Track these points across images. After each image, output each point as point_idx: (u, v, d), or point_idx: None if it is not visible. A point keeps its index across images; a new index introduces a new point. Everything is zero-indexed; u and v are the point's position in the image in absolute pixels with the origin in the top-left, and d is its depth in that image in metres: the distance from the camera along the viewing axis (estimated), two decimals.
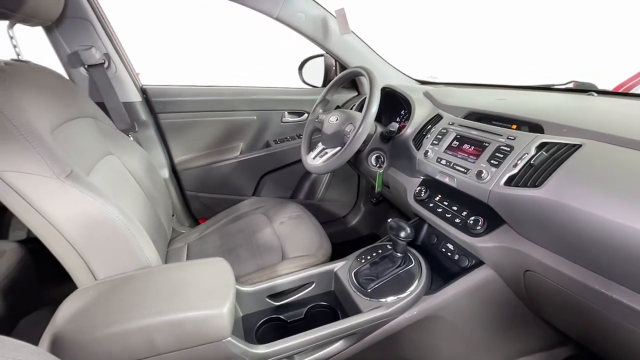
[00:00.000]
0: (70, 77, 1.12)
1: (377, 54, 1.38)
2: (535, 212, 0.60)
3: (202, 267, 0.68)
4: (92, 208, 0.65)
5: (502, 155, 0.69)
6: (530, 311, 0.79)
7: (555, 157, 0.61)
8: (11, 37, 0.77)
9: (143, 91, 1.26)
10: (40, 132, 0.63)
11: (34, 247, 1.13)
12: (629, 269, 0.49)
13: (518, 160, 0.66)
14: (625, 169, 0.52)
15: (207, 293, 0.60)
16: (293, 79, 1.53)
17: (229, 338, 0.59)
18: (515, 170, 0.65)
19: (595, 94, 0.90)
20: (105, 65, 1.11)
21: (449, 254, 0.87)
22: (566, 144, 0.62)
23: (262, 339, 0.76)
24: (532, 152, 0.65)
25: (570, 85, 1.06)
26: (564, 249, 0.58)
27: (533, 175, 0.62)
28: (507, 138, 0.70)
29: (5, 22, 0.75)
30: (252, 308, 0.83)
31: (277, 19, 1.17)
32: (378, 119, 1.24)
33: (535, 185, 0.60)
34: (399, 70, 1.43)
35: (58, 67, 1.06)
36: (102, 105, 1.10)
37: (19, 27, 0.79)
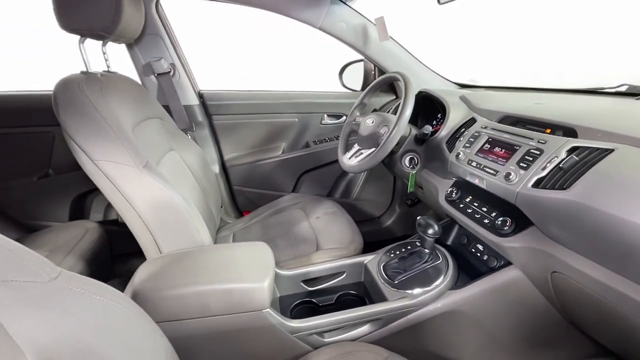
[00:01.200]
0: (143, 83, 1.31)
1: (415, 58, 1.41)
2: (561, 214, 0.61)
3: (247, 248, 0.79)
4: (161, 194, 0.79)
5: (531, 159, 0.71)
6: (563, 318, 0.78)
7: (585, 161, 0.62)
8: (104, 53, 0.94)
9: (200, 95, 1.42)
10: (125, 129, 0.78)
11: (108, 228, 1.34)
12: None
13: (547, 164, 0.67)
14: None
15: (251, 269, 0.70)
16: (294, 79, 1.59)
17: (268, 309, 0.68)
18: (544, 173, 0.67)
19: None
20: (171, 73, 1.29)
21: (479, 254, 0.89)
22: (598, 149, 0.62)
23: (295, 318, 0.84)
24: (563, 155, 0.66)
25: (622, 89, 1.01)
26: (590, 251, 0.59)
27: (562, 178, 0.63)
28: (538, 142, 0.72)
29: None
30: (288, 290, 0.92)
31: (319, 28, 1.26)
32: (414, 121, 1.28)
33: (562, 187, 0.62)
34: (438, 74, 1.45)
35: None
36: (166, 108, 1.27)
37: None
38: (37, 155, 1.32)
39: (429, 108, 1.23)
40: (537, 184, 0.67)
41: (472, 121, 0.97)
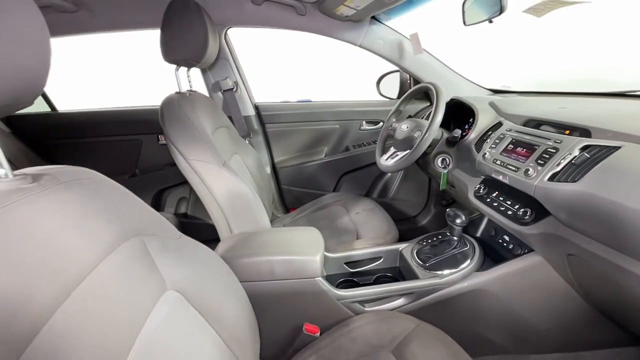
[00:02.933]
0: (211, 98, 1.57)
1: (449, 67, 1.52)
2: (572, 203, 0.71)
3: (302, 231, 0.96)
4: (235, 186, 0.99)
5: (548, 156, 0.81)
6: (587, 303, 0.86)
7: (594, 157, 0.72)
8: (188, 77, 1.19)
9: (256, 107, 1.66)
10: (209, 136, 1.00)
11: (179, 219, 1.60)
12: None
13: (561, 160, 0.77)
14: None
15: (307, 246, 0.87)
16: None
17: (320, 278, 0.85)
18: (558, 169, 0.77)
19: None
20: (234, 89, 1.53)
21: (505, 244, 0.99)
22: (606, 147, 0.71)
23: None
24: (575, 153, 0.76)
25: None
26: (597, 234, 0.68)
27: (573, 172, 0.73)
28: (555, 142, 0.82)
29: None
30: (333, 270, 1.08)
31: (360, 46, 1.43)
32: (447, 126, 1.39)
33: (574, 180, 0.72)
34: (471, 81, 1.55)
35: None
36: (229, 118, 1.51)
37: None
38: (129, 158, 1.63)
39: (461, 114, 1.34)
40: (552, 178, 0.77)
41: (498, 125, 1.07)
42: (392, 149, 1.32)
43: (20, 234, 0.37)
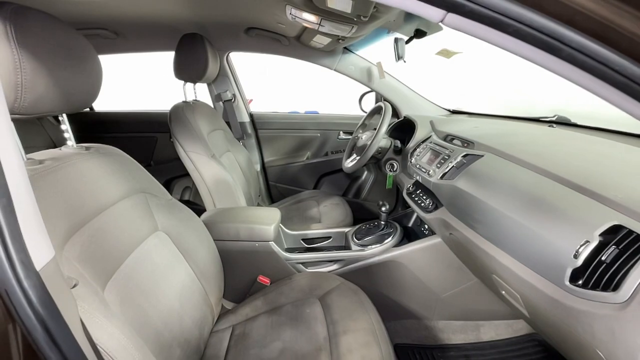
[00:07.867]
0: (214, 107, 1.92)
1: (410, 88, 1.81)
2: (449, 194, 0.99)
3: (265, 209, 1.27)
4: (220, 173, 1.32)
5: (443, 161, 1.09)
6: (475, 276, 1.12)
7: (467, 162, 1.00)
8: (194, 89, 1.54)
9: (250, 115, 2.00)
10: (204, 135, 1.34)
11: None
12: (489, 229, 0.83)
13: (449, 164, 1.05)
14: (497, 171, 0.89)
15: (266, 218, 1.18)
16: None
17: (272, 242, 1.15)
18: (447, 170, 1.05)
19: (555, 125, 1.19)
20: (232, 100, 1.88)
21: (425, 231, 1.27)
22: (475, 155, 0.99)
23: None
24: (458, 159, 1.04)
25: (554, 118, 1.32)
26: (462, 216, 0.95)
27: (454, 173, 1.01)
28: (449, 151, 1.10)
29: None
30: (292, 245, 1.38)
31: (334, 70, 1.75)
32: (401, 138, 1.68)
33: (452, 178, 1.00)
34: (430, 101, 1.83)
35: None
36: (227, 123, 1.85)
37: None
38: (146, 151, 2.00)
39: (414, 128, 1.63)
40: (442, 177, 1.06)
41: (428, 138, 1.36)
42: (354, 154, 1.62)
43: (78, 177, 0.69)
